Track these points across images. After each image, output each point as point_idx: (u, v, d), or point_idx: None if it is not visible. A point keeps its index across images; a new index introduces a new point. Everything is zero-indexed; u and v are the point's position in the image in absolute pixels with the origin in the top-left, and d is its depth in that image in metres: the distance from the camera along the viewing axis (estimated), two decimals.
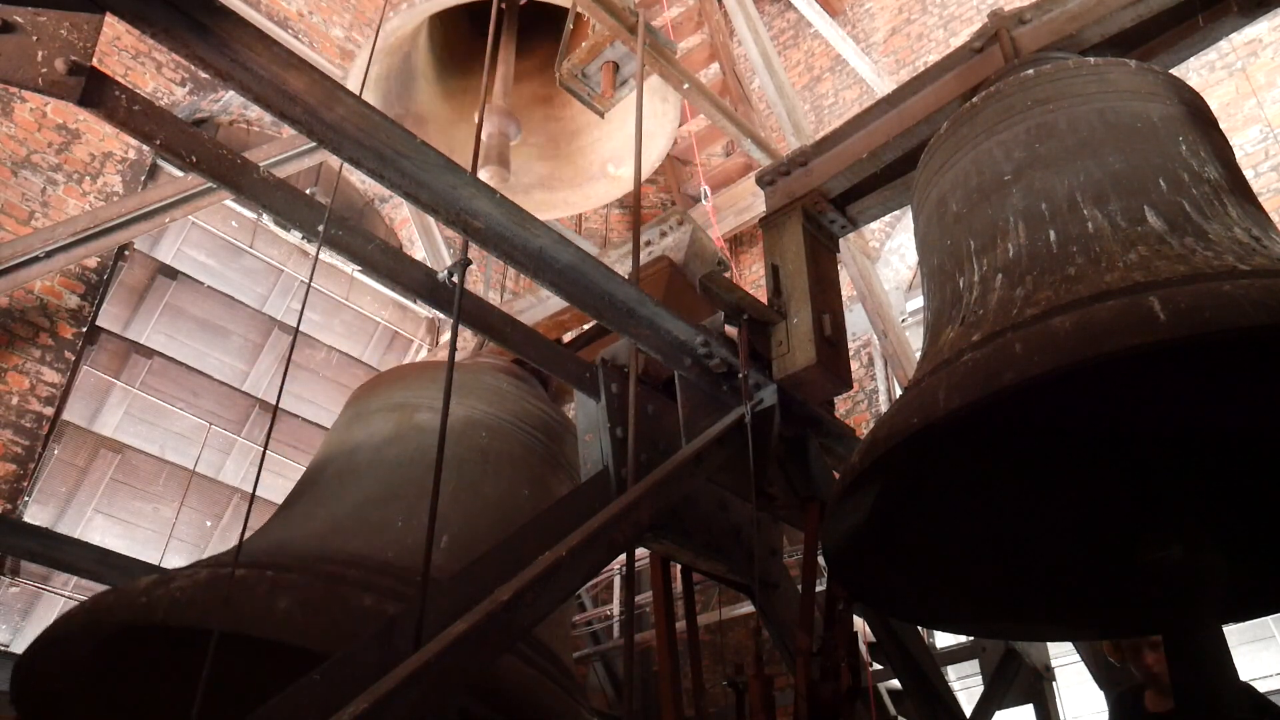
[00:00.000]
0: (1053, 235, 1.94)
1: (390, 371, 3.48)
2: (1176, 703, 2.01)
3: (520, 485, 2.96)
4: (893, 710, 4.22)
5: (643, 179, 3.55)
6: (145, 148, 5.98)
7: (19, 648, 5.97)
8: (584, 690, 2.75)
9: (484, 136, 4.03)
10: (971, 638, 4.00)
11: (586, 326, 3.60)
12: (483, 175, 3.74)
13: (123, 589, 2.20)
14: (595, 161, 5.27)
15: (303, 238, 1.86)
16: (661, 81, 4.47)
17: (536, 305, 3.61)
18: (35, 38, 1.39)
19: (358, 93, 1.72)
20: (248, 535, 2.04)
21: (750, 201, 7.41)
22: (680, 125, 8.61)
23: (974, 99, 2.38)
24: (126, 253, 6.68)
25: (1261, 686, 4.94)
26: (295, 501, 2.91)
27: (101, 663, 2.38)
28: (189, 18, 1.52)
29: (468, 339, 4.10)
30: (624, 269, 3.23)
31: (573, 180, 5.30)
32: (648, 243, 3.35)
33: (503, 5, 4.50)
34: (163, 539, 6.57)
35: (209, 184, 2.90)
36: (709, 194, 6.48)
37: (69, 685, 2.40)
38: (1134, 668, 3.11)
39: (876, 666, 3.99)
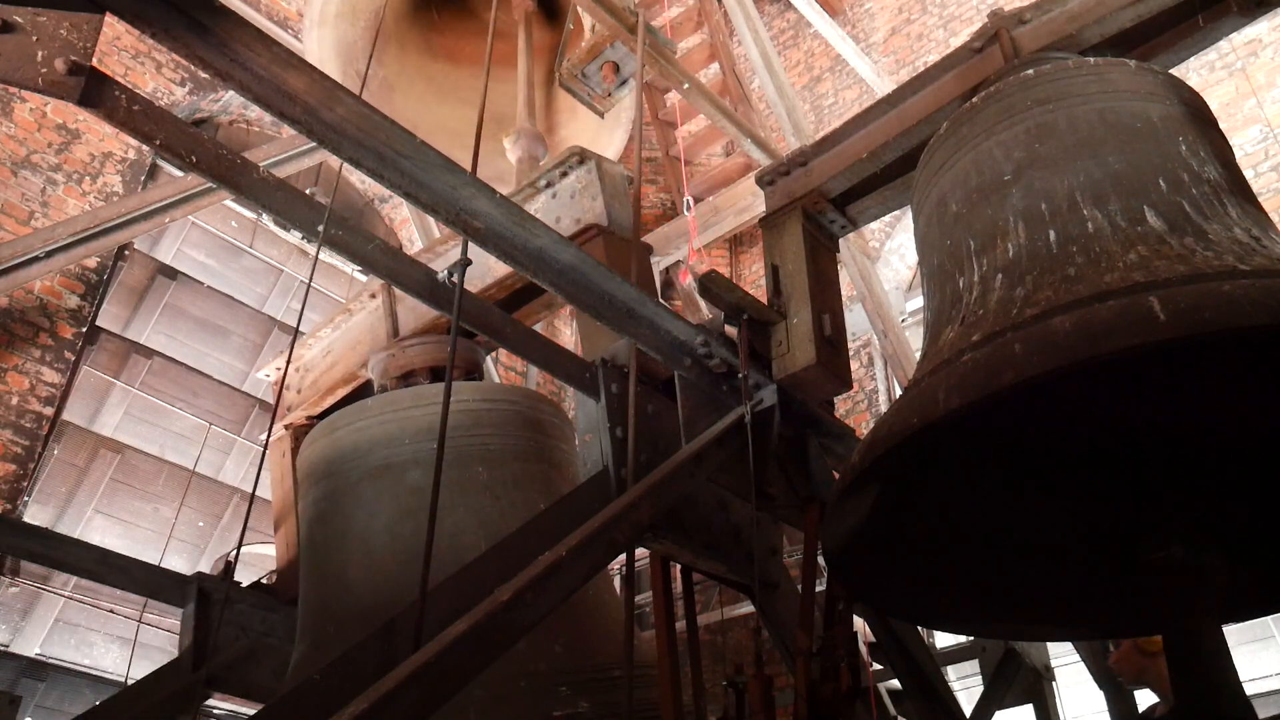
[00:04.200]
0: (1053, 235, 1.94)
1: (342, 418, 3.10)
2: (1176, 703, 2.01)
3: (535, 502, 2.86)
4: (893, 710, 4.22)
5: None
6: (145, 148, 5.98)
7: (19, 648, 5.98)
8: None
9: (513, 160, 3.92)
10: (971, 638, 4.00)
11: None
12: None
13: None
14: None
15: (303, 238, 1.87)
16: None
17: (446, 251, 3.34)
18: (35, 38, 1.39)
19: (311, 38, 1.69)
20: (248, 536, 2.03)
21: (750, 201, 7.40)
22: (680, 125, 8.62)
23: (974, 99, 2.38)
24: (126, 253, 6.69)
25: (1261, 686, 4.95)
26: (330, 622, 2.78)
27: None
28: (189, 18, 1.52)
29: (374, 282, 3.70)
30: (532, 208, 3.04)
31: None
32: (549, 185, 3.15)
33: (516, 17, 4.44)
34: (163, 539, 6.57)
35: (209, 184, 2.90)
36: (692, 204, 6.40)
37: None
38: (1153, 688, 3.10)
39: (876, 666, 3.99)
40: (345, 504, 2.90)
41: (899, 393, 3.44)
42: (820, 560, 2.37)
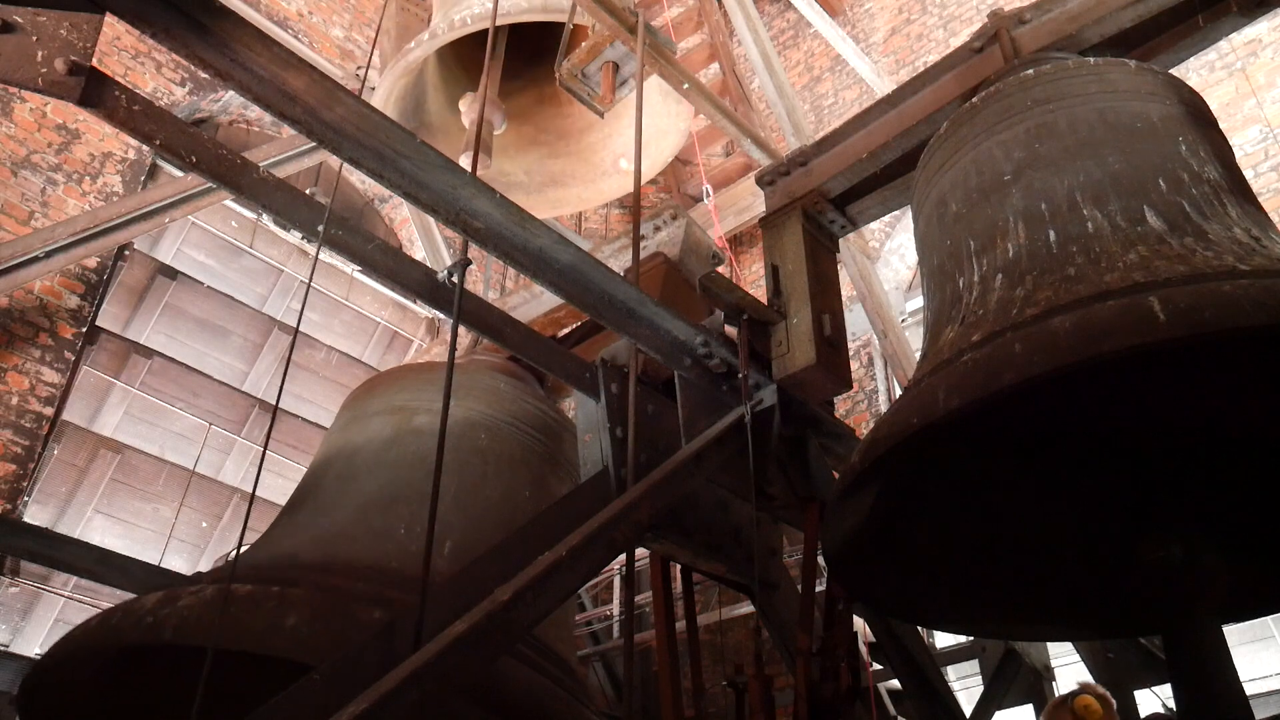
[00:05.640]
0: (1053, 235, 1.94)
1: (387, 373, 3.47)
2: (1176, 703, 2.01)
3: (521, 487, 2.96)
4: (893, 710, 4.22)
5: (650, 177, 3.57)
6: (145, 148, 5.98)
7: (19, 648, 5.97)
8: (589, 693, 2.79)
9: (466, 124, 4.07)
10: (971, 638, 4.00)
11: (578, 324, 3.61)
12: (462, 161, 3.73)
13: (130, 606, 2.21)
14: (607, 157, 5.29)
15: (303, 238, 1.86)
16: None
17: (531, 301, 3.61)
18: (35, 38, 1.39)
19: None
20: (248, 536, 2.04)
21: (750, 201, 7.40)
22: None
23: (974, 99, 2.38)
24: (126, 253, 6.68)
25: (1261, 686, 4.94)
26: (298, 506, 2.92)
27: (109, 679, 2.39)
28: (189, 18, 1.52)
29: (462, 335, 4.12)
30: (617, 264, 3.23)
31: (585, 176, 5.31)
32: (642, 238, 3.33)
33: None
34: (163, 539, 6.57)
35: (209, 184, 2.91)
36: (710, 193, 6.46)
37: (77, 702, 2.42)
38: None
39: (876, 666, 3.99)
40: (352, 430, 3.10)
41: (899, 393, 3.44)
42: (820, 560, 2.37)
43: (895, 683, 4.07)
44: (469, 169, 1.93)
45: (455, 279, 2.07)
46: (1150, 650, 3.44)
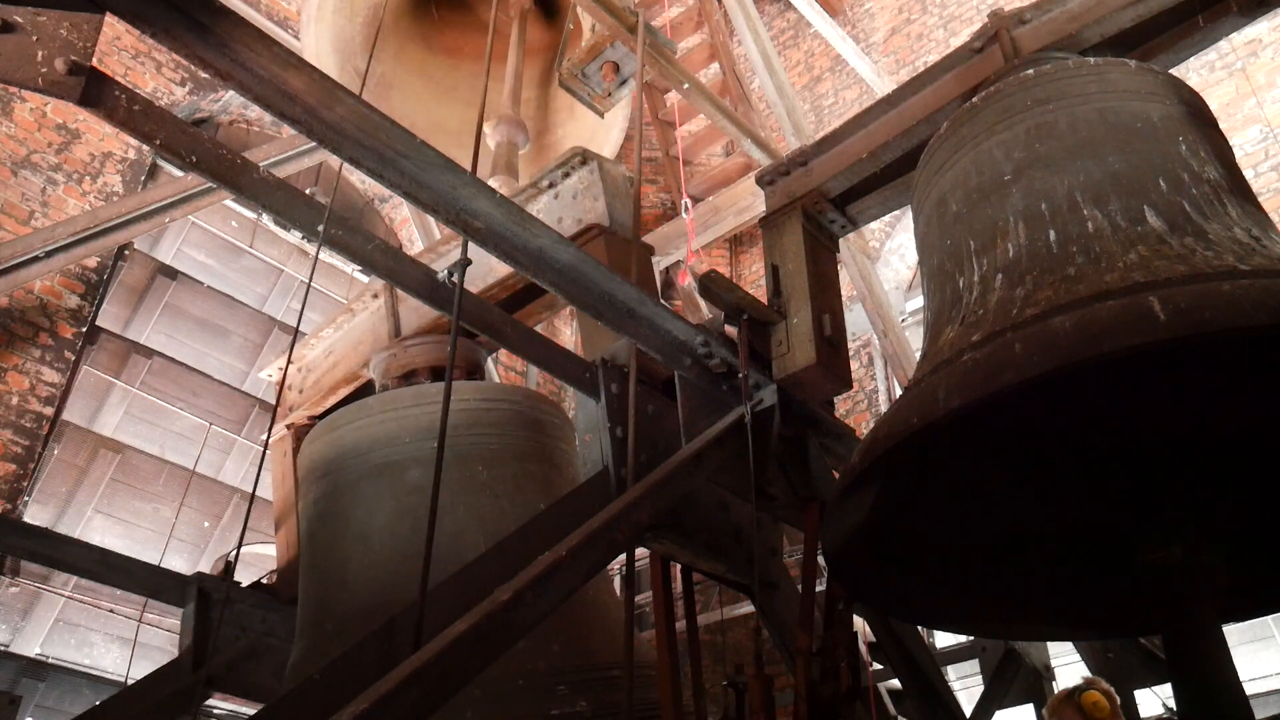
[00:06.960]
0: (1053, 235, 1.94)
1: (342, 416, 3.10)
2: (1177, 703, 2.01)
3: (535, 500, 2.86)
4: (893, 710, 4.22)
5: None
6: (145, 148, 5.98)
7: (19, 648, 5.97)
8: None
9: (492, 145, 3.96)
10: (971, 638, 4.00)
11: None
12: (492, 184, 3.58)
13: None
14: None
15: (303, 238, 1.86)
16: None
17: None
18: (35, 38, 1.39)
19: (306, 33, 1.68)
20: (248, 536, 2.03)
21: (750, 201, 7.40)
22: (679, 125, 8.62)
23: (974, 99, 2.38)
24: (126, 253, 6.68)
25: (1261, 686, 4.95)
26: (330, 614, 2.78)
27: None
28: (189, 18, 1.52)
29: (376, 282, 3.66)
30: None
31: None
32: (551, 184, 3.15)
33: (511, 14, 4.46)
34: (163, 539, 6.57)
35: (209, 184, 2.89)
36: (689, 206, 6.37)
37: None
38: None
39: (876, 666, 3.99)
40: (345, 502, 2.90)
41: (899, 393, 3.44)
42: (820, 560, 2.37)
43: (895, 683, 4.07)
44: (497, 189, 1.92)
45: (455, 279, 2.07)
46: (1150, 650, 3.45)
